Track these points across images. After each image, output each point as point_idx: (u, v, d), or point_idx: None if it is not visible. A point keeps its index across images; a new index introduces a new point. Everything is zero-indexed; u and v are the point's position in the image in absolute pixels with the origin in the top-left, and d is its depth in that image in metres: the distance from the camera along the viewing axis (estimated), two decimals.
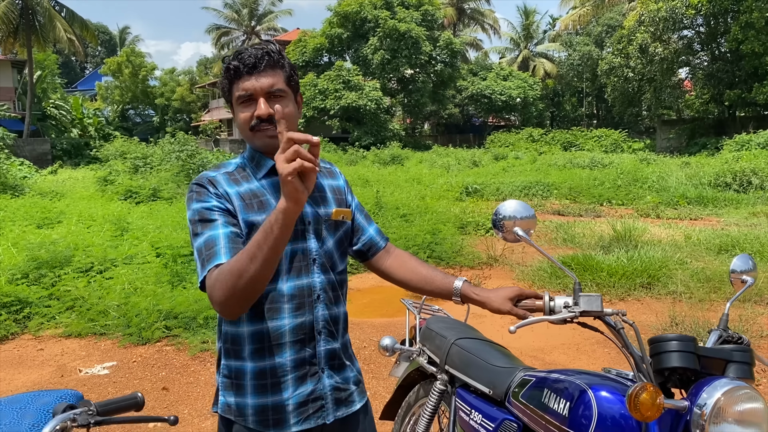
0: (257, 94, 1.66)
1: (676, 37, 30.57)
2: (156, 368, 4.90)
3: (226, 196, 1.66)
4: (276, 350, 1.69)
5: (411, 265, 2.01)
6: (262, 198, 1.70)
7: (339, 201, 1.87)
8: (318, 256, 1.75)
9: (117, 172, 16.21)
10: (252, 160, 1.77)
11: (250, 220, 1.65)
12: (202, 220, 1.63)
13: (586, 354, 5.18)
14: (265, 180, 1.74)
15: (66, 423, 1.26)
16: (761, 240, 8.62)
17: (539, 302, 1.86)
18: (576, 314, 1.77)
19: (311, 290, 1.72)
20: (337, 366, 1.80)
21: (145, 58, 51.51)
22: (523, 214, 1.93)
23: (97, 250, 7.34)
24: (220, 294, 1.51)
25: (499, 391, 2.24)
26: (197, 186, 1.69)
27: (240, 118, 1.71)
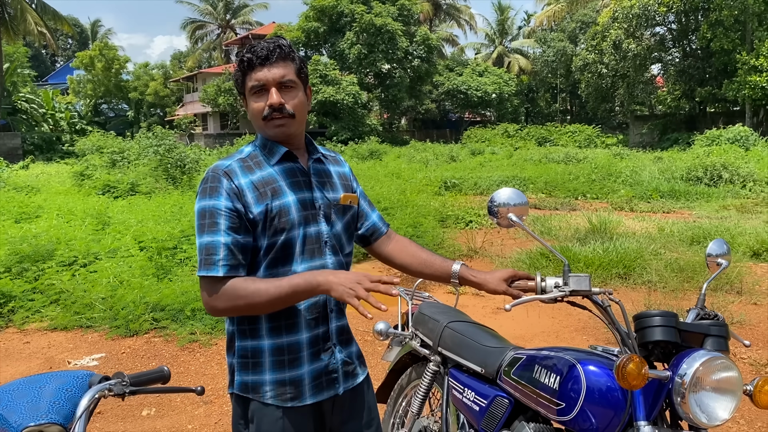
0: (269, 85, 1.76)
1: (649, 34, 31.09)
2: (145, 359, 4.97)
3: (239, 191, 1.74)
4: (293, 328, 1.80)
5: (411, 249, 2.13)
6: (275, 185, 1.80)
7: (346, 187, 1.99)
8: (329, 238, 1.87)
9: (94, 166, 16.09)
10: (264, 147, 1.86)
11: (265, 208, 1.75)
12: (208, 219, 1.72)
13: (565, 341, 5.35)
14: (278, 166, 1.84)
15: (104, 392, 1.36)
16: (731, 232, 8.89)
17: (531, 282, 1.99)
18: (566, 293, 1.90)
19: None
20: (345, 341, 1.93)
21: (117, 52, 50.85)
22: (516, 201, 2.07)
23: (79, 244, 7.33)
24: (221, 306, 1.71)
25: (491, 370, 2.36)
26: (212, 178, 1.76)
27: (253, 108, 1.80)
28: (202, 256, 1.72)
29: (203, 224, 1.73)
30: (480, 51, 57.37)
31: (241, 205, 1.74)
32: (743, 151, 19.59)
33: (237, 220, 1.73)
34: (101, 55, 48.73)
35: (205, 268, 1.71)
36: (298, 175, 1.85)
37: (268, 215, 1.75)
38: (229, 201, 1.73)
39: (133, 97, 51.42)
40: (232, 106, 40.71)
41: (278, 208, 1.76)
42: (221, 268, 1.70)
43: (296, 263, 1.80)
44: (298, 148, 1.90)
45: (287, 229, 1.77)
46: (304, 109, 1.85)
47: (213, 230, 1.71)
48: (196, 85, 49.25)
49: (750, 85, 24.44)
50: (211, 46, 60.01)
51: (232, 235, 1.72)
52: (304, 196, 1.83)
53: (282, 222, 1.77)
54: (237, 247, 1.72)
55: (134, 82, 52.27)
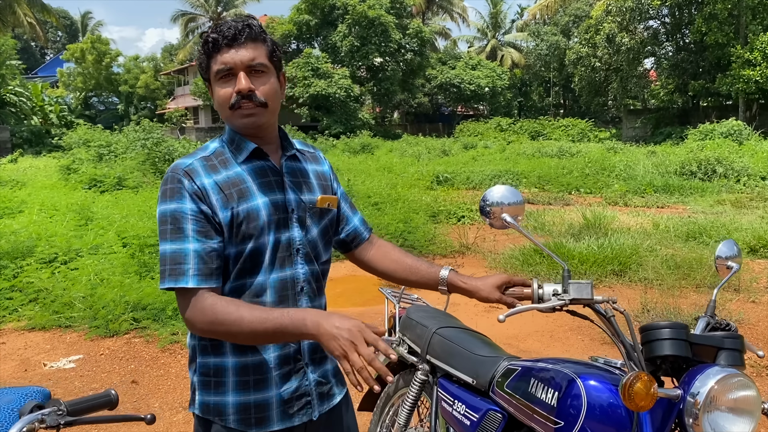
0: (237, 68, 1.56)
1: (642, 28, 30.97)
2: (125, 361, 4.77)
3: (202, 193, 1.54)
4: (259, 346, 1.61)
5: (395, 255, 1.94)
6: (242, 186, 1.60)
7: (324, 187, 1.79)
8: (302, 245, 1.67)
9: (80, 160, 15.81)
10: (232, 143, 1.66)
11: (231, 212, 1.56)
12: (172, 225, 1.53)
13: (560, 341, 5.19)
14: (246, 165, 1.64)
15: (34, 424, 1.17)
16: (727, 227, 8.77)
17: (528, 290, 1.82)
18: (565, 302, 1.73)
19: (295, 282, 1.65)
20: (319, 359, 1.72)
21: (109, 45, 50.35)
22: (511, 199, 1.89)
23: (60, 240, 7.13)
24: (200, 325, 1.52)
25: (483, 381, 2.20)
26: (172, 179, 1.56)
27: (219, 95, 1.60)
28: (167, 266, 1.51)
29: (166, 230, 1.53)
30: (473, 44, 57.12)
31: (207, 207, 1.54)
32: (737, 145, 19.49)
33: (205, 223, 1.53)
34: (92, 48, 48.23)
35: (172, 278, 1.50)
36: (269, 175, 1.65)
37: (234, 220, 1.55)
38: (193, 203, 1.53)
39: (124, 90, 50.95)
40: None
41: (245, 212, 1.57)
42: (191, 278, 1.50)
43: (263, 273, 1.60)
44: (270, 144, 1.69)
45: (255, 236, 1.58)
46: (277, 98, 1.65)
47: (179, 236, 1.52)
48: (188, 78, 48.85)
49: (743, 79, 24.34)
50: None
51: (201, 241, 1.52)
52: (276, 199, 1.63)
53: (250, 228, 1.57)
54: (208, 253, 1.53)
55: (125, 75, 51.78)
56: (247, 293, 1.59)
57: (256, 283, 1.59)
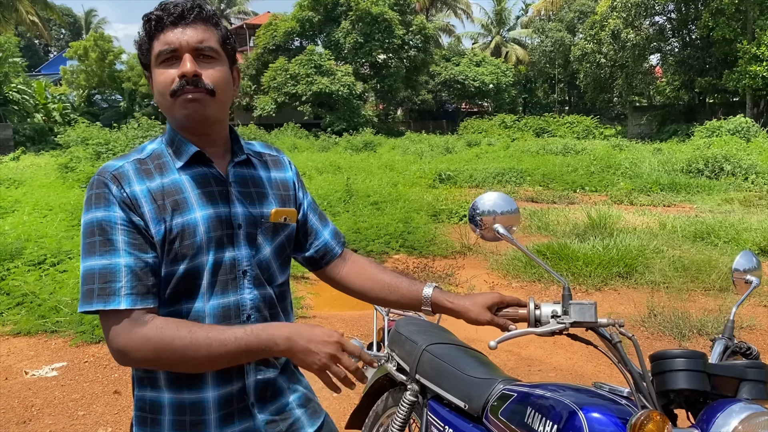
0: (182, 50, 1.34)
1: (648, 24, 30.65)
2: (109, 369, 4.58)
3: (132, 202, 1.32)
4: (195, 382, 1.38)
5: (370, 272, 1.70)
6: (178, 196, 1.36)
7: (283, 198, 1.55)
8: (250, 267, 1.43)
9: (78, 158, 15.64)
10: (171, 144, 1.43)
11: (164, 226, 1.33)
12: (99, 236, 1.30)
13: (563, 348, 4.98)
14: (185, 171, 1.40)
15: None
16: (736, 227, 8.53)
17: (523, 311, 1.61)
18: (566, 326, 1.53)
19: (239, 310, 1.41)
20: (270, 396, 1.48)
21: (112, 43, 50.22)
22: (504, 208, 1.68)
23: (50, 242, 6.95)
24: (138, 354, 1.29)
25: (476, 406, 1.99)
26: (98, 184, 1.33)
27: (159, 80, 1.37)
28: (94, 284, 1.28)
29: (92, 243, 1.30)
30: (477, 41, 56.78)
31: (139, 218, 1.33)
32: (744, 142, 19.23)
33: (137, 235, 1.32)
34: (96, 46, 48.12)
35: (101, 299, 1.27)
36: (211, 184, 1.41)
37: (167, 236, 1.33)
38: (123, 212, 1.32)
39: (127, 88, 50.82)
40: None
41: (180, 228, 1.34)
42: (125, 298, 1.27)
43: (201, 299, 1.37)
44: (216, 146, 1.46)
45: (190, 255, 1.35)
46: (228, 89, 1.42)
47: (107, 250, 1.29)
48: None
49: (751, 75, 24.02)
50: None
51: (134, 255, 1.30)
52: (219, 212, 1.40)
53: (185, 246, 1.34)
54: (143, 269, 1.31)
55: (128, 72, 51.65)
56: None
57: (192, 310, 1.37)
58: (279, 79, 35.40)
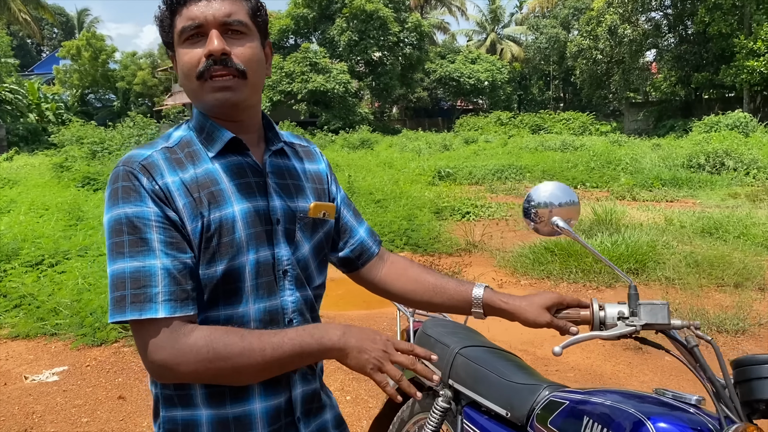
0: (208, 25, 1.19)
1: (644, 19, 30.59)
2: (112, 373, 4.42)
3: (166, 195, 1.16)
4: (241, 394, 1.23)
5: (412, 273, 1.54)
6: (213, 188, 1.20)
7: (319, 192, 1.40)
8: (290, 266, 1.28)
9: (73, 158, 15.43)
10: (201, 130, 1.27)
11: (201, 222, 1.17)
12: (129, 235, 1.12)
13: (579, 347, 4.84)
14: (219, 160, 1.25)
15: None
16: (744, 222, 8.41)
17: (584, 312, 1.46)
18: (636, 329, 1.38)
19: (282, 314, 1.27)
20: (315, 410, 1.35)
21: (105, 42, 49.88)
22: (562, 199, 1.53)
23: (47, 242, 6.79)
24: (185, 368, 1.11)
25: (519, 414, 1.85)
26: (126, 175, 1.16)
27: (183, 61, 1.21)
28: (125, 290, 1.10)
29: (120, 243, 1.12)
30: (472, 38, 56.66)
31: (174, 213, 1.16)
32: (743, 137, 19.14)
33: (174, 232, 1.15)
34: (89, 45, 47.79)
35: (135, 307, 1.09)
36: (248, 175, 1.26)
37: (204, 233, 1.17)
38: (157, 206, 1.14)
39: (121, 87, 50.55)
40: None
41: (218, 223, 1.18)
42: (162, 305, 1.10)
43: (246, 303, 1.22)
44: (250, 133, 1.31)
45: (230, 255, 1.19)
46: (261, 69, 1.26)
47: (140, 250, 1.12)
48: None
49: (748, 70, 23.97)
50: None
51: (172, 255, 1.13)
52: (257, 206, 1.24)
53: (223, 244, 1.19)
54: (181, 271, 1.14)
55: (121, 71, 51.34)
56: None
57: (235, 315, 1.21)
58: (274, 77, 35.17)
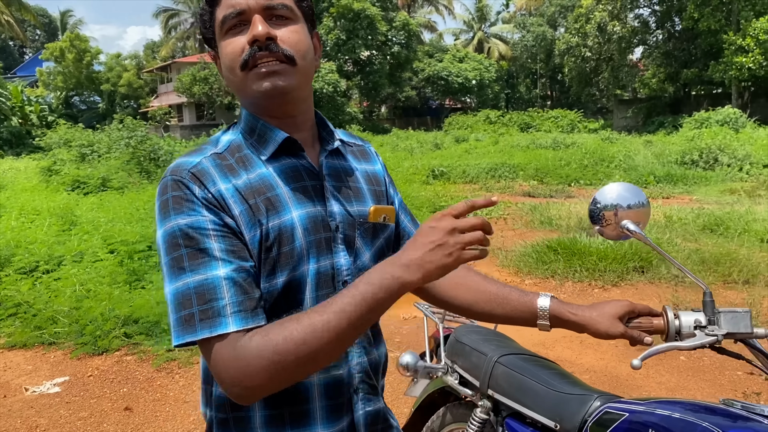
0: (251, 11, 1.09)
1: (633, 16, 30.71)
2: (116, 383, 4.29)
3: (220, 203, 1.05)
4: (302, 420, 1.13)
5: (472, 282, 1.41)
6: (270, 194, 1.10)
7: (378, 194, 1.29)
8: (350, 276, 1.16)
9: (62, 161, 15.19)
10: (252, 132, 1.17)
11: (259, 231, 1.07)
12: (189, 247, 1.02)
13: (591, 348, 4.77)
14: (273, 163, 1.14)
15: None
16: (744, 218, 8.39)
17: (657, 320, 1.37)
18: (718, 338, 1.29)
19: None
20: (381, 430, 1.25)
21: (89, 43, 49.40)
22: (630, 201, 1.44)
23: (41, 247, 6.62)
24: (258, 381, 0.98)
25: (570, 426, 1.75)
26: (175, 185, 1.06)
27: (226, 53, 1.11)
28: (194, 307, 1.00)
29: (179, 258, 1.02)
30: (459, 37, 56.72)
31: (233, 221, 1.06)
32: (734, 133, 19.23)
33: (235, 239, 1.04)
34: (72, 47, 47.31)
35: (205, 324, 0.99)
36: (304, 178, 1.16)
37: (263, 243, 1.07)
38: (213, 214, 1.04)
39: (106, 89, 50.08)
40: (207, 95, 39.67)
41: (277, 231, 1.09)
42: (233, 318, 0.99)
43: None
44: (303, 131, 1.20)
45: (291, 265, 1.09)
46: (310, 56, 1.16)
47: (200, 262, 1.01)
48: (171, 76, 48.06)
49: (737, 66, 24.09)
50: (185, 35, 58.63)
51: (235, 263, 1.02)
52: (315, 211, 1.14)
53: (283, 253, 1.09)
54: (246, 279, 1.03)
55: (106, 73, 50.88)
56: None
57: None
58: None
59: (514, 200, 12.08)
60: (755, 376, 4.16)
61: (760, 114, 25.49)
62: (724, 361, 4.42)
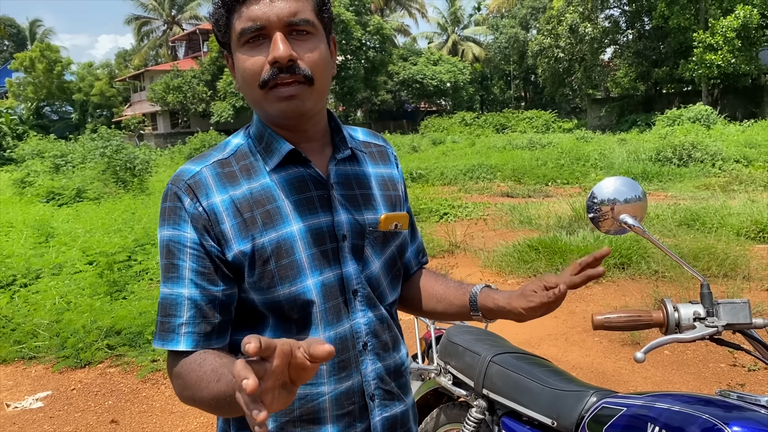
0: (272, 27, 1.06)
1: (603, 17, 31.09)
2: (100, 396, 4.22)
3: (209, 218, 1.08)
4: (312, 426, 1.13)
5: (427, 284, 1.40)
6: (270, 206, 1.11)
7: (392, 199, 1.27)
8: (360, 285, 1.16)
9: (36, 172, 14.96)
10: (260, 139, 1.16)
11: (251, 245, 1.08)
12: (167, 259, 1.10)
13: (576, 345, 4.81)
14: (278, 174, 1.13)
15: None
16: (720, 213, 8.51)
17: (657, 314, 1.38)
18: (718, 329, 1.30)
19: (354, 338, 1.16)
20: None
21: (60, 53, 48.74)
22: (628, 195, 1.45)
23: (18, 261, 6.51)
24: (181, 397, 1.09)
25: (567, 422, 1.76)
26: (170, 196, 1.11)
27: (244, 67, 1.09)
28: (160, 316, 1.10)
29: (162, 266, 1.12)
30: (432, 40, 56.91)
31: (212, 240, 1.08)
32: (705, 129, 19.55)
33: (208, 262, 1.08)
34: (42, 57, 46.64)
35: (161, 336, 1.08)
36: (309, 188, 1.15)
37: (256, 257, 1.08)
38: (195, 231, 1.08)
39: (78, 99, 49.45)
40: (181, 103, 39.38)
41: (274, 244, 1.09)
42: (184, 338, 1.06)
43: (316, 330, 1.12)
44: (313, 141, 1.19)
45: (291, 279, 1.10)
46: (328, 73, 1.14)
47: (171, 276, 1.09)
48: (144, 84, 47.60)
49: (706, 64, 24.48)
50: (158, 43, 58.11)
51: (201, 286, 1.07)
52: (319, 222, 1.14)
53: (282, 266, 1.09)
54: (208, 304, 1.08)
55: (78, 83, 50.24)
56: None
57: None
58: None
59: (493, 201, 12.14)
60: (738, 368, 4.22)
61: (730, 110, 25.96)
62: (707, 353, 4.48)
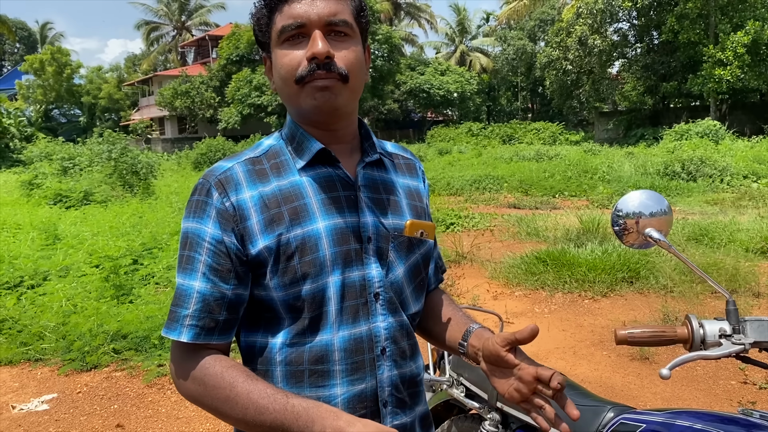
0: (311, 25, 1.09)
1: (612, 30, 31.12)
2: (106, 400, 4.20)
3: (235, 214, 1.10)
4: None
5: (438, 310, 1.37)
6: (297, 203, 1.12)
7: (418, 210, 1.27)
8: (382, 288, 1.16)
9: (44, 174, 15.01)
10: (292, 139, 1.19)
11: (277, 240, 1.09)
12: (187, 250, 1.13)
13: (585, 359, 4.77)
14: (307, 173, 1.16)
15: None
16: (729, 228, 8.47)
17: (682, 329, 1.36)
18: (745, 347, 1.28)
19: (372, 342, 1.15)
20: None
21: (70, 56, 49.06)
22: (653, 209, 1.43)
23: (26, 262, 6.51)
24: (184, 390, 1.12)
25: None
26: (201, 190, 1.14)
27: (282, 63, 1.11)
28: (172, 305, 1.14)
29: (181, 256, 1.14)
30: (440, 50, 57.05)
31: (235, 238, 1.10)
32: (714, 144, 19.49)
33: (225, 259, 1.10)
34: (52, 60, 46.95)
35: (167, 324, 1.12)
36: (337, 188, 1.16)
37: (281, 252, 1.09)
38: (217, 227, 1.10)
39: (86, 102, 49.75)
40: (189, 109, 39.51)
41: (299, 241, 1.10)
42: (186, 330, 1.09)
43: (330, 330, 1.11)
44: (344, 143, 1.21)
45: (314, 276, 1.10)
46: (362, 74, 1.16)
47: (188, 268, 1.12)
48: (152, 89, 47.83)
49: (715, 79, 24.45)
50: (167, 49, 58.43)
51: (212, 282, 1.10)
52: (345, 222, 1.14)
53: (305, 263, 1.10)
54: (218, 301, 1.10)
55: (87, 86, 50.54)
56: (307, 360, 1.12)
57: (316, 344, 1.11)
58: (243, 90, 34.91)
59: (500, 212, 12.11)
60: (749, 386, 4.18)
61: (738, 126, 25.90)
62: (717, 370, 4.44)
